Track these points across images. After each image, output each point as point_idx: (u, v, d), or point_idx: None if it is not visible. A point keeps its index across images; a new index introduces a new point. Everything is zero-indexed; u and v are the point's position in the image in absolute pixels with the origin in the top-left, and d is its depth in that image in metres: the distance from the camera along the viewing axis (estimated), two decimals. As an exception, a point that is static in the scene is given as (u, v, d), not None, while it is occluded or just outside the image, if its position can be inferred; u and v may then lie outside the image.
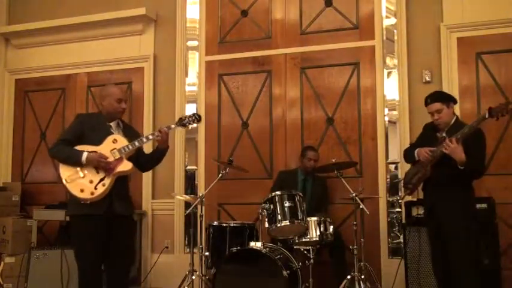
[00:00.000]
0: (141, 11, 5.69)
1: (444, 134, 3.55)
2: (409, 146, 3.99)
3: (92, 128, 3.53)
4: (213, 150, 5.49)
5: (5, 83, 6.39)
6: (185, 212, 5.28)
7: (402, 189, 4.34)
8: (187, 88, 5.60)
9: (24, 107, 6.34)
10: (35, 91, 6.32)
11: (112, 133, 3.55)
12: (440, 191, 3.56)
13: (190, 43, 5.64)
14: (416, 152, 3.69)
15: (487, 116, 3.32)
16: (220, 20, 5.63)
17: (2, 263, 5.00)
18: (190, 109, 5.54)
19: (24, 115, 6.33)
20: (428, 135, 3.75)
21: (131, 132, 3.70)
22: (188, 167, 5.52)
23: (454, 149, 3.37)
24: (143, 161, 3.74)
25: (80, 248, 3.49)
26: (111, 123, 3.60)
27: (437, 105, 3.62)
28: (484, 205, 3.99)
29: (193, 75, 5.61)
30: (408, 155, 3.86)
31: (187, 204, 5.18)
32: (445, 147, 3.41)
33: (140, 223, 5.50)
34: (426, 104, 3.71)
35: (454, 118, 3.65)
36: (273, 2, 5.47)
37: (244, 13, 5.56)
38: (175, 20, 5.69)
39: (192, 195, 5.05)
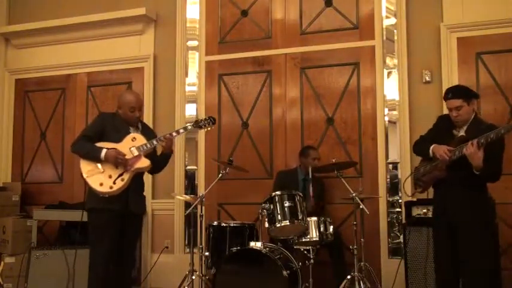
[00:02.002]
0: (141, 11, 5.69)
1: (463, 133, 3.42)
2: (420, 138, 3.76)
3: (113, 127, 3.72)
4: (213, 150, 5.49)
5: (5, 83, 6.39)
6: (185, 212, 5.28)
7: (410, 185, 4.25)
8: (187, 88, 5.60)
9: (24, 107, 6.34)
10: (35, 91, 6.32)
11: (131, 132, 3.73)
12: (455, 192, 3.42)
13: (190, 43, 5.64)
14: (432, 148, 3.49)
15: None
16: (220, 20, 5.63)
17: (2, 263, 5.00)
18: (190, 109, 5.55)
19: (24, 115, 6.33)
20: (443, 129, 3.57)
21: (149, 133, 3.88)
22: (188, 167, 5.52)
23: (474, 153, 3.21)
24: (156, 163, 3.87)
25: (94, 242, 3.63)
26: None
27: (457, 102, 3.40)
28: (484, 205, 3.98)
29: (193, 75, 5.61)
30: (420, 149, 3.66)
31: (187, 204, 5.18)
32: (466, 149, 3.25)
33: (140, 223, 5.51)
34: (446, 98, 3.48)
35: (473, 115, 3.47)
36: (273, 2, 5.47)
37: (244, 13, 5.56)
38: (175, 20, 5.69)
39: (192, 195, 5.04)
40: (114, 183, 3.55)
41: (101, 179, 3.56)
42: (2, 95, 6.37)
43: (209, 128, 3.98)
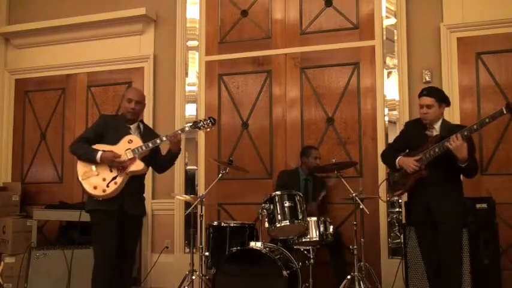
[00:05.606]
0: (141, 11, 5.69)
1: (437, 133, 3.55)
2: (388, 146, 3.90)
3: (113, 129, 3.71)
4: (213, 150, 5.49)
5: (5, 83, 6.39)
6: (185, 212, 5.29)
7: (384, 189, 4.35)
8: (187, 88, 5.60)
9: (24, 107, 6.35)
10: (35, 91, 6.32)
11: (131, 133, 3.71)
12: (438, 190, 3.51)
13: (190, 43, 5.64)
14: (398, 161, 3.65)
15: (504, 111, 3.24)
16: (220, 20, 5.63)
17: (2, 263, 5.00)
18: (190, 109, 5.55)
19: (24, 115, 6.33)
20: (415, 132, 3.70)
21: (151, 135, 3.85)
22: (188, 167, 5.52)
23: (460, 146, 3.32)
24: (159, 163, 3.90)
25: (96, 242, 3.64)
26: (132, 126, 3.77)
27: (429, 100, 3.57)
28: (484, 205, 3.98)
29: (193, 75, 5.61)
30: (388, 159, 3.82)
31: (187, 204, 5.18)
32: (450, 143, 3.35)
33: (140, 223, 5.51)
34: (421, 94, 3.64)
35: (441, 119, 3.64)
36: (273, 2, 5.47)
37: (244, 13, 5.56)
38: (175, 20, 5.69)
39: (192, 195, 5.04)
40: (107, 186, 3.55)
41: (95, 181, 3.57)
42: (2, 95, 6.37)
43: (208, 129, 3.94)
